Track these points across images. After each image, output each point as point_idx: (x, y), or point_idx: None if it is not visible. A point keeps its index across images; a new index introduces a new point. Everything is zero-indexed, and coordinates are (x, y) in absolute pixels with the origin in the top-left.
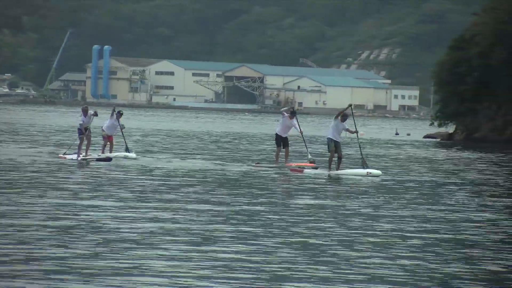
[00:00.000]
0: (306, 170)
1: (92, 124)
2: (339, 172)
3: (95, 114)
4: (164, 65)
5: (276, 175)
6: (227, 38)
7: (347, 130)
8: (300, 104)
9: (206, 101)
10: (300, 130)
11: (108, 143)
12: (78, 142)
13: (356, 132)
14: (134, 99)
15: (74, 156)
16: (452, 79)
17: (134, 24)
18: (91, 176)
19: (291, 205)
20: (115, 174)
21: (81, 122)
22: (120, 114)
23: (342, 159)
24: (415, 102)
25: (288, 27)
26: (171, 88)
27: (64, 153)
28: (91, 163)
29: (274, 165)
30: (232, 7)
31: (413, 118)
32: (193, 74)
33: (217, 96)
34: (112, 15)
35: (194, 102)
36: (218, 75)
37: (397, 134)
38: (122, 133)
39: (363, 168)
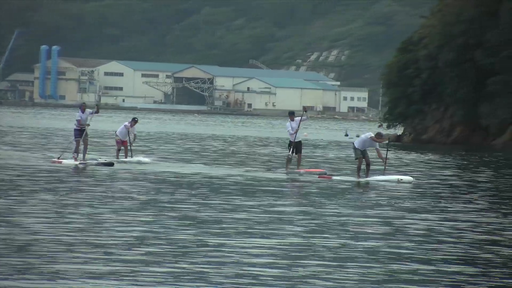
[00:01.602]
0: (334, 177)
1: (91, 121)
2: (369, 179)
3: (96, 111)
4: (113, 65)
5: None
6: (176, 38)
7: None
8: (249, 105)
9: (155, 102)
10: (296, 129)
11: (123, 147)
12: (74, 145)
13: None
14: (83, 100)
15: (71, 161)
16: (401, 81)
17: (82, 24)
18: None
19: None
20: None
21: (78, 118)
22: (134, 122)
23: (371, 166)
24: (364, 104)
25: (238, 28)
26: (120, 89)
27: (59, 157)
28: (89, 167)
29: (284, 171)
30: (181, 7)
31: (362, 119)
32: (143, 75)
33: (167, 97)
34: (60, 15)
35: (143, 103)
36: (167, 76)
37: (346, 135)
38: (129, 140)
39: (383, 174)
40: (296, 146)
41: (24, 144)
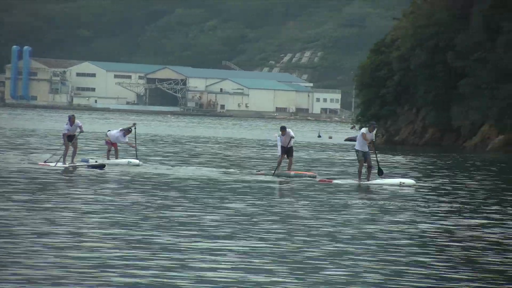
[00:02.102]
0: (335, 181)
1: (78, 135)
2: (370, 182)
3: (81, 131)
4: (85, 66)
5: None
6: (149, 40)
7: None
8: (222, 106)
9: (128, 103)
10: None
11: (113, 148)
12: (63, 148)
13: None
14: (55, 101)
15: (60, 164)
16: (373, 82)
17: (54, 25)
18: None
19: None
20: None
21: (65, 132)
22: (129, 131)
23: (372, 168)
24: (336, 105)
25: (211, 29)
26: (93, 89)
27: (46, 161)
28: (81, 170)
29: (275, 172)
30: (154, 8)
31: (335, 121)
32: (115, 76)
33: (139, 98)
34: (32, 16)
35: (116, 104)
36: (140, 77)
37: (319, 136)
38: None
39: (379, 175)
40: (287, 151)
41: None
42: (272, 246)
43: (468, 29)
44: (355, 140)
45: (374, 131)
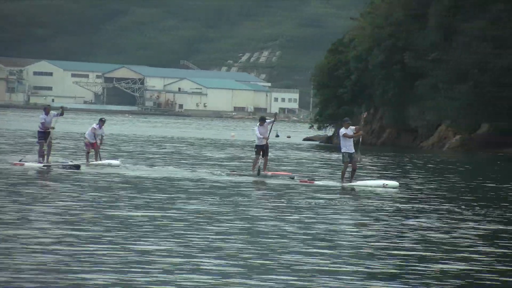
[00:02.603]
0: (316, 182)
1: (56, 123)
2: (353, 184)
3: (61, 114)
4: (43, 65)
5: (259, 185)
6: (107, 39)
7: (352, 135)
8: (180, 106)
9: (85, 102)
10: (264, 136)
11: (92, 150)
12: (38, 147)
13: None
14: (11, 100)
15: (35, 164)
16: (331, 82)
17: (11, 24)
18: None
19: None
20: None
21: (42, 121)
22: (102, 122)
23: (356, 171)
24: (295, 105)
25: (169, 28)
26: (50, 88)
27: (21, 160)
28: (56, 170)
29: (250, 173)
30: (111, 7)
31: (293, 120)
32: (72, 75)
33: (97, 97)
34: None
35: (73, 103)
36: (97, 76)
37: (277, 136)
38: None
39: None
40: (263, 150)
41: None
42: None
43: (425, 29)
44: (314, 140)
45: (350, 126)
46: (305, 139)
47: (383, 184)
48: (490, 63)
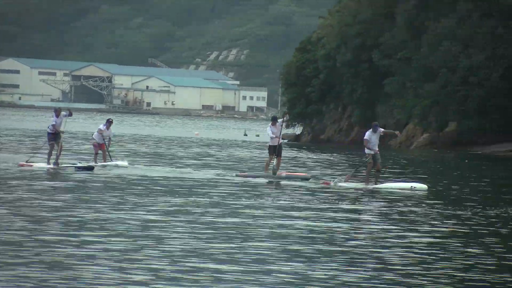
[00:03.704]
0: (335, 183)
1: (66, 126)
2: (379, 186)
3: (70, 114)
4: (9, 63)
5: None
6: (76, 37)
7: (383, 132)
8: (148, 104)
9: (53, 100)
10: (277, 136)
11: (100, 151)
12: (48, 148)
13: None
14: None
15: (43, 164)
16: (299, 81)
17: None
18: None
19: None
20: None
21: (53, 123)
22: (109, 123)
23: (380, 172)
24: (263, 104)
25: (137, 27)
26: (17, 86)
27: (27, 161)
28: (66, 171)
29: (262, 174)
30: (80, 5)
31: (261, 119)
32: (40, 73)
33: (65, 95)
34: None
35: (41, 101)
36: (65, 74)
37: (245, 135)
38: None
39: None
40: (276, 150)
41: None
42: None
43: (393, 28)
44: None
45: (379, 130)
46: None
47: (411, 186)
48: (459, 62)
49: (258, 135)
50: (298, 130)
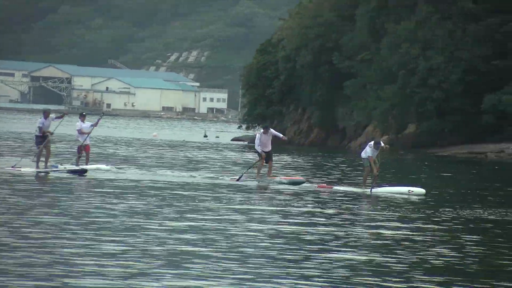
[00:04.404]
0: (335, 187)
1: (53, 128)
2: (377, 190)
3: (61, 117)
4: None
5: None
6: (34, 37)
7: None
8: (108, 105)
9: (11, 101)
10: (282, 136)
11: (85, 153)
12: (36, 151)
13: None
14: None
15: (32, 169)
16: (260, 82)
17: None
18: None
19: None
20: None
21: (40, 125)
22: (83, 116)
23: (377, 176)
24: (223, 105)
25: (97, 27)
26: None
27: (15, 165)
28: (58, 175)
29: (257, 178)
30: (39, 6)
31: (222, 120)
32: None
33: (23, 96)
34: None
35: (0, 101)
36: (24, 75)
37: (205, 136)
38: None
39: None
40: (267, 155)
41: None
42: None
43: (353, 30)
44: (242, 140)
45: (379, 147)
46: (233, 139)
47: (408, 190)
48: (418, 64)
49: (218, 137)
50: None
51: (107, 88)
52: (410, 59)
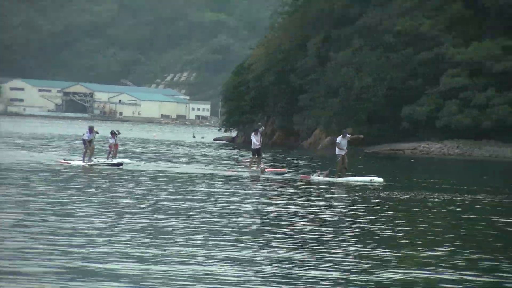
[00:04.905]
0: (312, 177)
1: (95, 137)
2: (345, 179)
3: (97, 132)
4: (16, 82)
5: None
6: (65, 62)
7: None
8: (120, 114)
9: (49, 111)
10: (259, 142)
11: (113, 150)
12: (83, 150)
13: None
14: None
15: (80, 162)
16: (235, 96)
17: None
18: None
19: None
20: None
21: (86, 138)
22: (113, 134)
23: (346, 169)
24: (207, 113)
25: (111, 54)
26: (22, 100)
27: (64, 159)
28: (101, 167)
29: (248, 170)
30: (65, 38)
31: (206, 125)
32: (39, 90)
33: (57, 107)
34: None
35: (39, 111)
36: (58, 91)
37: (193, 137)
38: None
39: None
40: (258, 152)
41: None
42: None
43: (306, 56)
44: (222, 140)
45: (347, 136)
46: (215, 139)
47: (371, 179)
48: (353, 83)
49: (203, 137)
50: (233, 133)
51: (119, 100)
52: (348, 79)
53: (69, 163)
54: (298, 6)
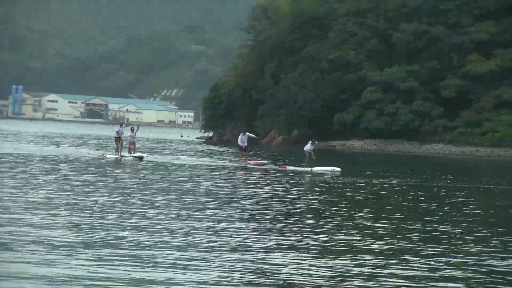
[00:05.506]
0: (289, 167)
1: (125, 134)
2: (314, 168)
3: (132, 129)
4: (52, 96)
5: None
6: (86, 81)
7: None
8: (127, 119)
9: (75, 117)
10: (254, 136)
11: (132, 146)
12: (115, 145)
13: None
14: (35, 116)
15: (113, 156)
16: (212, 106)
17: (44, 71)
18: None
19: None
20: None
21: (117, 130)
22: (122, 126)
23: (314, 161)
24: (191, 119)
25: (121, 76)
26: (56, 109)
27: (102, 153)
28: (126, 159)
29: (237, 163)
30: (87, 64)
31: (190, 128)
32: (68, 102)
33: (82, 114)
34: (20, 66)
35: (68, 117)
36: (82, 103)
37: (181, 136)
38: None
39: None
40: (245, 148)
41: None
42: None
43: (264, 78)
44: (202, 139)
45: (314, 145)
46: (197, 138)
47: (331, 169)
48: (299, 98)
49: (188, 136)
50: (210, 134)
51: (127, 109)
52: (294, 95)
53: (105, 156)
54: (258, 41)
